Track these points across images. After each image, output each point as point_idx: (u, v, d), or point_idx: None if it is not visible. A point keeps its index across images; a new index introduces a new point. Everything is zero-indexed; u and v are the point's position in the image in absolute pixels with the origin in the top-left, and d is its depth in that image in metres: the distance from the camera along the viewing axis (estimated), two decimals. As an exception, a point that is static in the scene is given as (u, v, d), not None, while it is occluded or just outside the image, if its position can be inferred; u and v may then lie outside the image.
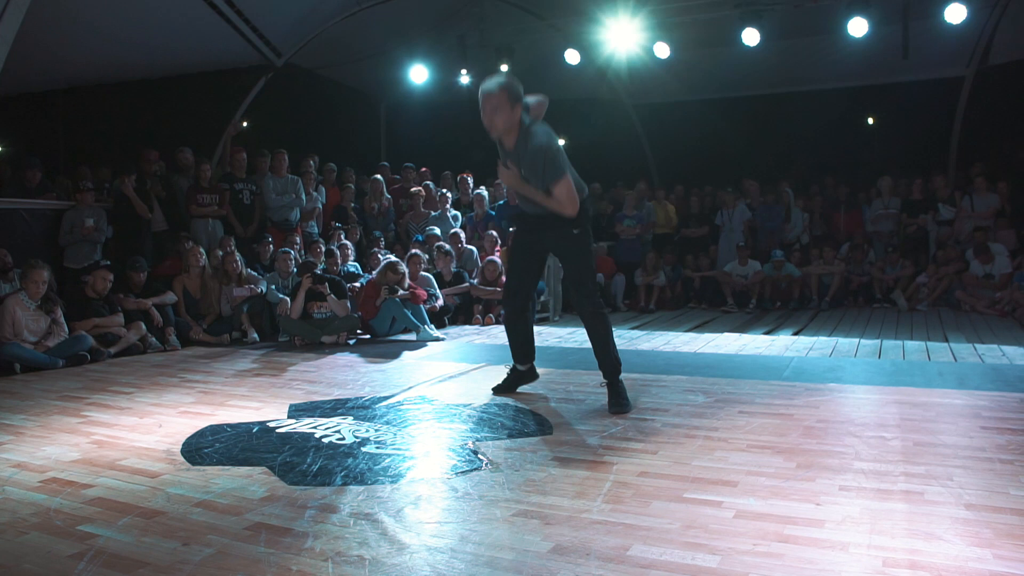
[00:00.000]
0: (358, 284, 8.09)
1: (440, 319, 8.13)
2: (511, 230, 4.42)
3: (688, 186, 11.92)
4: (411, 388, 4.96)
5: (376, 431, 3.82)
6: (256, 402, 4.60)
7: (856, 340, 6.89)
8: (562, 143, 4.26)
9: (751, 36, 9.85)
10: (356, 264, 8.93)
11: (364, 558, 2.32)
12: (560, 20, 10.83)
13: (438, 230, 9.53)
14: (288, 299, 7.36)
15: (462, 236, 9.45)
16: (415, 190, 10.32)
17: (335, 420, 4.06)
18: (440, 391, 4.82)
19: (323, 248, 8.37)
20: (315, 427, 3.91)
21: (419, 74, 11.32)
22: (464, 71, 11.26)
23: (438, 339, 7.24)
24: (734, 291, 10.36)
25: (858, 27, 9.39)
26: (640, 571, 2.19)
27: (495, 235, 9.34)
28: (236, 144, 9.69)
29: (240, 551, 2.39)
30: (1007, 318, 8.45)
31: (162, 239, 8.39)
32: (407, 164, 11.10)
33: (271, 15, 9.53)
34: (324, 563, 2.29)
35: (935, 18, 9.45)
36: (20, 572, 2.29)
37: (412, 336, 7.32)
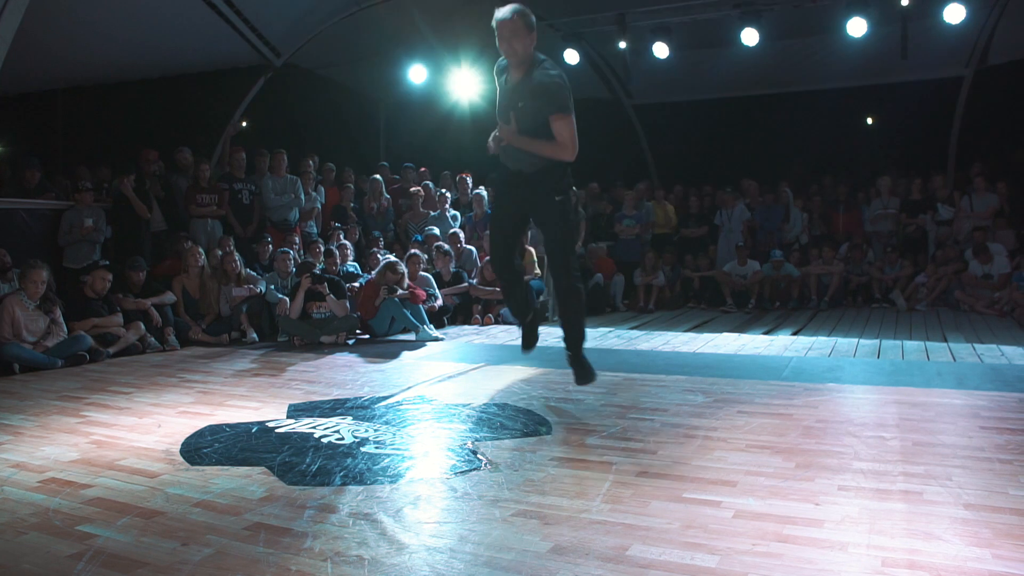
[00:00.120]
0: (357, 284, 8.09)
1: (439, 319, 8.13)
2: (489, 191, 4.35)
3: (687, 186, 11.90)
4: (410, 388, 4.96)
5: (375, 431, 3.82)
6: (255, 402, 4.60)
7: (855, 340, 6.89)
8: None
9: (750, 36, 9.85)
10: (355, 264, 8.92)
11: (363, 558, 2.32)
12: (559, 20, 10.82)
13: (437, 230, 9.53)
14: (287, 299, 7.36)
15: (461, 236, 9.45)
16: (414, 190, 10.32)
17: (334, 420, 4.06)
18: (439, 391, 4.83)
19: (322, 248, 8.37)
20: (314, 427, 3.91)
21: (418, 74, 11.32)
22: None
23: (437, 339, 7.24)
24: (733, 291, 10.36)
25: (857, 27, 9.39)
26: (639, 571, 2.20)
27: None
28: (235, 144, 9.69)
29: (239, 551, 2.39)
30: (1006, 318, 8.45)
31: (161, 239, 8.38)
32: (406, 164, 11.09)
33: (270, 15, 9.52)
34: (323, 563, 2.29)
35: (934, 18, 9.45)
36: (19, 572, 2.29)
37: (411, 336, 7.32)
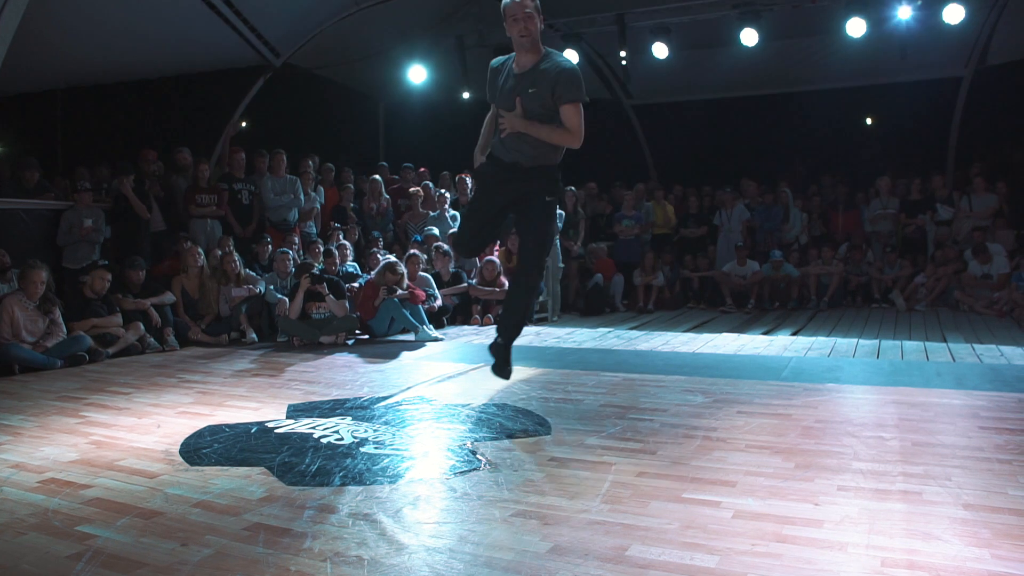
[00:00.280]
0: (357, 284, 8.09)
1: (439, 319, 8.13)
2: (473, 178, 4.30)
3: (687, 186, 11.91)
4: (410, 388, 4.96)
5: (375, 431, 3.82)
6: (255, 402, 4.60)
7: (854, 340, 6.90)
8: None
9: (749, 36, 9.86)
10: (355, 264, 8.92)
11: (363, 558, 2.32)
12: (559, 20, 10.83)
13: (436, 230, 9.52)
14: (287, 299, 7.36)
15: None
16: (413, 190, 10.31)
17: (334, 420, 4.06)
18: (439, 391, 4.82)
19: (321, 248, 8.36)
20: (314, 427, 3.91)
21: (418, 74, 11.33)
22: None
23: (437, 339, 7.24)
24: (733, 291, 10.36)
25: (856, 27, 9.40)
26: (638, 571, 2.20)
27: (494, 235, 9.31)
28: (235, 144, 9.69)
29: (239, 551, 2.39)
30: (1005, 318, 8.46)
31: (160, 239, 8.37)
32: (406, 164, 11.09)
33: (269, 15, 9.52)
34: (323, 563, 2.29)
35: (933, 18, 9.45)
36: (19, 572, 2.29)
37: (411, 336, 7.32)
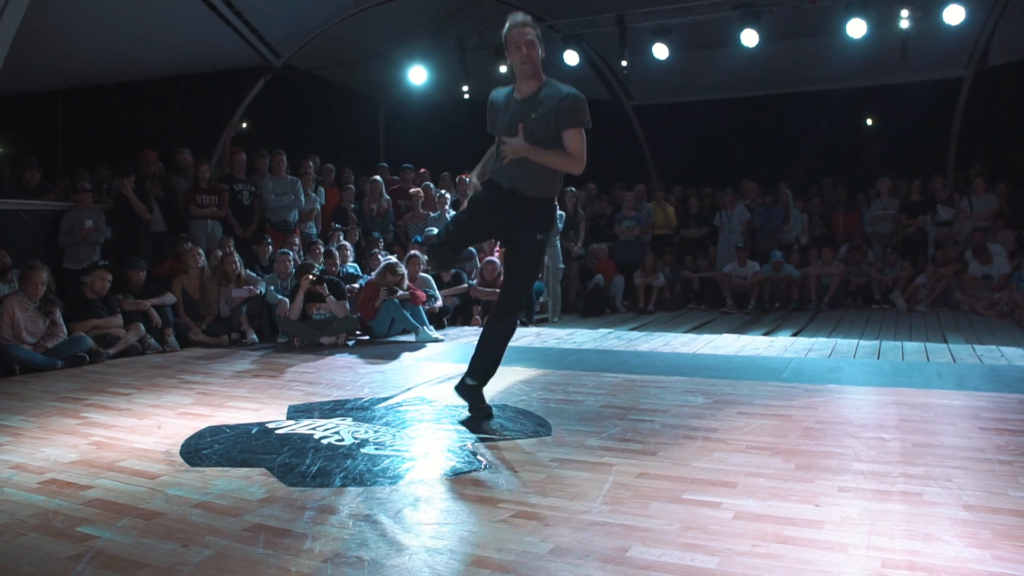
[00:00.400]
0: (357, 285, 8.09)
1: (439, 320, 8.13)
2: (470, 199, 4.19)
3: (687, 187, 11.91)
4: (410, 389, 4.96)
5: (375, 432, 3.82)
6: (255, 403, 4.60)
7: (855, 341, 6.90)
8: None
9: (750, 37, 9.86)
10: (355, 265, 8.92)
11: (363, 559, 2.32)
12: (559, 21, 10.83)
13: (437, 231, 9.52)
14: (287, 300, 7.36)
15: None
16: (414, 191, 10.31)
17: (334, 421, 4.06)
18: (439, 392, 4.82)
19: (322, 249, 8.36)
20: (314, 428, 3.91)
21: (418, 75, 11.33)
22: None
23: (437, 340, 7.24)
24: (733, 292, 10.36)
25: (857, 28, 9.40)
26: (639, 572, 2.20)
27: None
28: (235, 145, 9.68)
29: (239, 552, 2.39)
30: (1006, 319, 8.46)
31: (161, 240, 8.38)
32: (405, 165, 11.09)
33: (270, 16, 9.53)
34: (323, 564, 2.29)
35: (934, 19, 9.45)
36: (19, 573, 2.29)
37: (411, 337, 7.32)
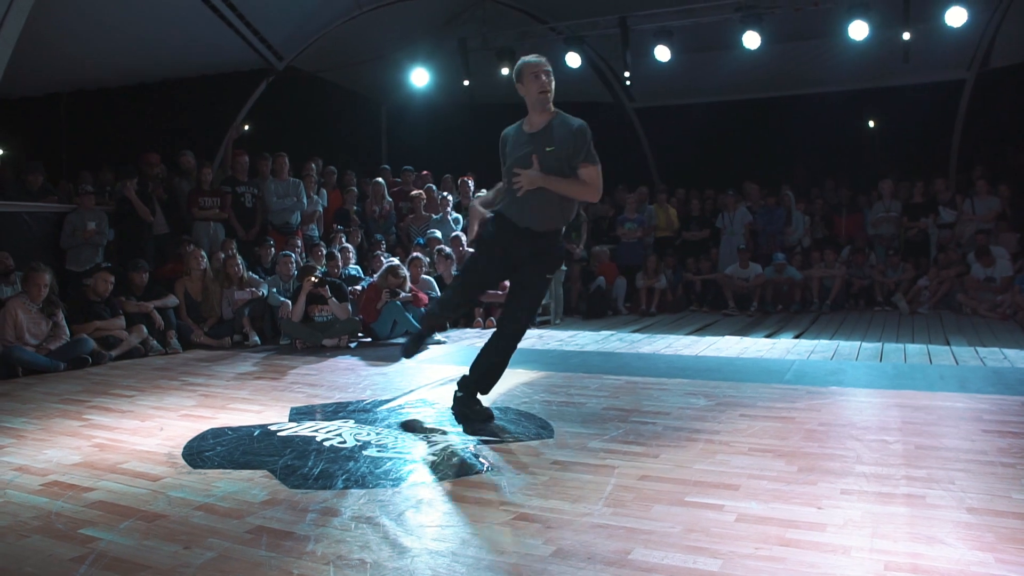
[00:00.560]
0: (359, 287, 8.09)
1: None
2: (475, 239, 4.17)
3: (689, 189, 11.91)
4: (412, 391, 4.96)
5: (377, 434, 3.82)
6: (257, 405, 4.60)
7: (857, 343, 6.89)
8: None
9: (752, 39, 9.85)
10: (357, 267, 8.93)
11: (365, 562, 2.32)
12: (561, 23, 10.84)
13: (439, 233, 9.53)
14: (289, 302, 7.36)
15: (463, 239, 9.45)
16: (415, 193, 10.31)
17: (336, 423, 4.06)
18: (441, 394, 4.81)
19: (324, 251, 8.37)
20: (316, 430, 3.91)
21: (420, 77, 11.34)
22: (466, 83, 11.28)
23: (439, 342, 7.24)
24: (735, 294, 10.35)
25: (859, 30, 9.39)
26: (641, 575, 2.19)
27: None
28: (237, 147, 9.70)
29: (241, 555, 2.39)
30: (1008, 321, 8.44)
31: (163, 242, 8.39)
32: (406, 167, 11.11)
33: (273, 18, 9.54)
34: (325, 567, 2.29)
35: (936, 21, 9.45)
36: (22, 575, 2.29)
37: (413, 339, 7.31)
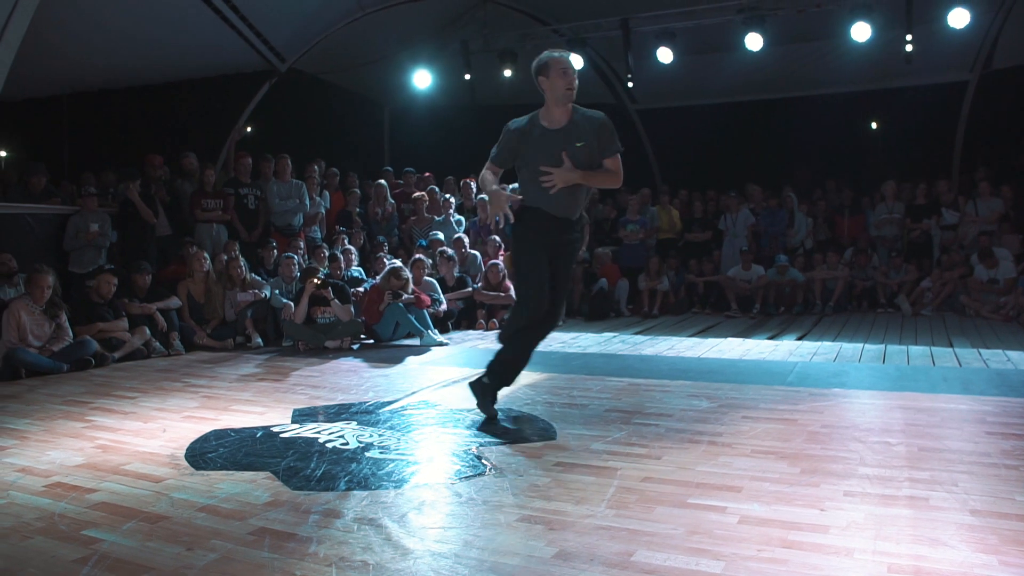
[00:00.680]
0: (362, 289, 8.10)
1: (443, 324, 8.13)
2: (514, 233, 4.28)
3: (692, 191, 11.90)
4: (415, 393, 4.96)
5: (380, 436, 3.83)
6: (260, 407, 4.61)
7: (860, 345, 6.87)
8: None
9: (754, 41, 9.85)
10: (360, 269, 8.94)
11: (368, 563, 2.32)
12: (564, 25, 10.84)
13: (442, 235, 9.54)
14: (292, 304, 7.37)
15: (465, 241, 9.46)
16: (417, 195, 10.32)
17: (339, 425, 4.06)
18: (444, 396, 4.82)
19: (327, 253, 8.38)
20: (319, 432, 3.92)
21: (422, 79, 11.35)
22: (468, 77, 11.27)
23: (442, 344, 7.25)
24: (738, 296, 10.34)
25: (861, 32, 9.39)
26: (644, 577, 2.19)
27: (498, 240, 9.35)
28: (240, 149, 9.71)
29: (244, 556, 2.40)
30: (1012, 323, 8.42)
31: (166, 244, 8.40)
32: (408, 169, 11.11)
33: (275, 20, 9.56)
34: (328, 568, 2.29)
35: (938, 22, 9.43)
36: (25, 577, 2.30)
37: (416, 341, 7.32)
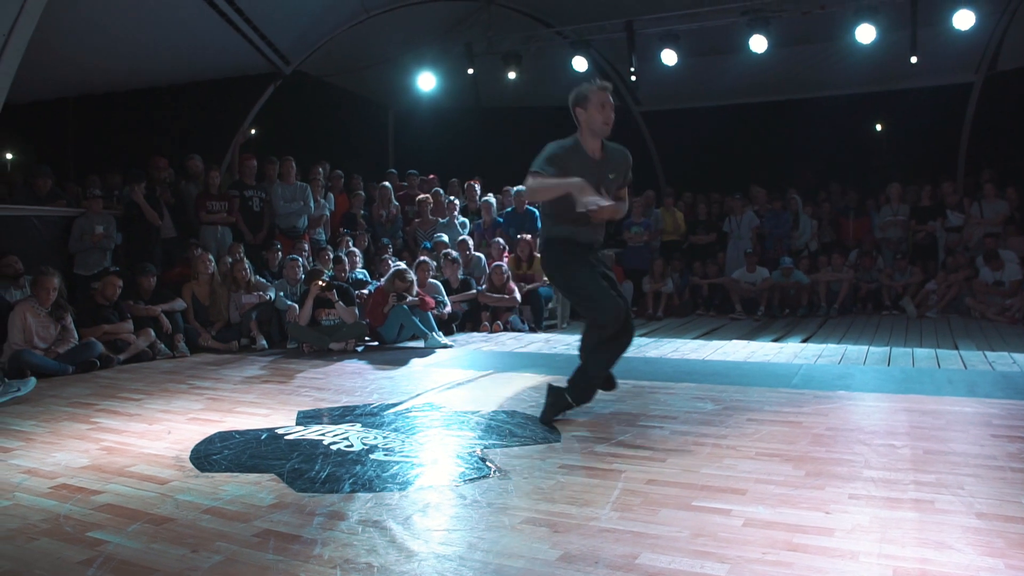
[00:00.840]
0: (366, 291, 8.11)
1: (448, 326, 8.14)
2: (564, 258, 4.24)
3: (696, 193, 11.90)
4: (419, 395, 4.96)
5: (384, 438, 3.83)
6: (265, 409, 4.61)
7: (865, 347, 6.85)
8: None
9: (758, 43, 9.85)
10: (364, 271, 8.95)
11: (372, 565, 2.32)
12: (567, 27, 10.86)
13: (446, 237, 9.54)
14: (296, 306, 7.38)
15: (470, 243, 9.47)
16: (422, 197, 10.34)
17: (343, 427, 4.06)
18: (448, 398, 4.82)
19: (331, 255, 8.39)
20: (323, 434, 3.92)
21: (427, 81, 11.37)
22: (471, 71, 11.27)
23: (446, 346, 7.25)
24: (742, 298, 10.32)
25: (866, 33, 9.38)
26: (649, 579, 2.19)
27: (502, 242, 9.36)
28: (245, 151, 9.75)
29: (249, 558, 2.40)
30: (1017, 325, 8.40)
31: (171, 246, 8.42)
32: (412, 171, 11.11)
33: (280, 23, 9.59)
34: (332, 570, 2.29)
35: (943, 24, 9.42)
36: (30, 578, 2.31)
37: (420, 343, 7.32)
